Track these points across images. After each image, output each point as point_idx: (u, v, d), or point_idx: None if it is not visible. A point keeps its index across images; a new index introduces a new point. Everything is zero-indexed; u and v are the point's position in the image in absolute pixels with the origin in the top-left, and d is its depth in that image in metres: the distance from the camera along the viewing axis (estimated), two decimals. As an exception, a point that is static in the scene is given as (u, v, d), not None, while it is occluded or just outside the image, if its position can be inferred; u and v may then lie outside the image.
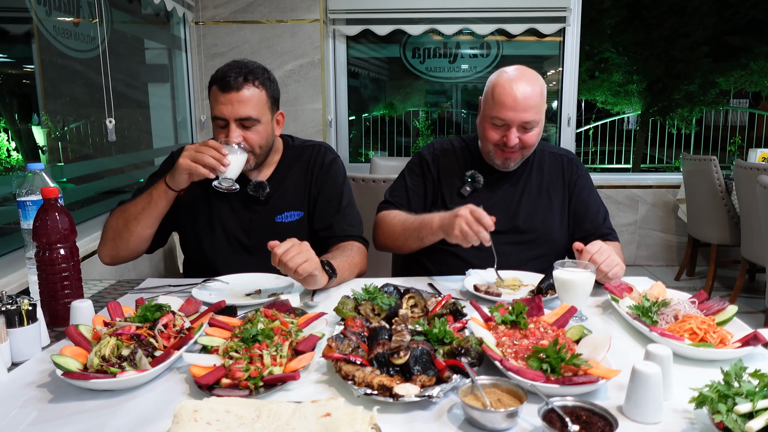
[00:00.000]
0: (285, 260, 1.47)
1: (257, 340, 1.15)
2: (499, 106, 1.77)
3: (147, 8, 3.81)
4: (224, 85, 1.71)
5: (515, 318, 1.26)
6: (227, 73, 1.72)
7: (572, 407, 0.93)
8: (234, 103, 1.71)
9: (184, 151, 1.65)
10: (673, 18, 8.50)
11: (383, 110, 6.00)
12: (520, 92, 1.74)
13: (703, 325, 1.24)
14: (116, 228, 1.75)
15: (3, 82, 2.58)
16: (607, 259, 1.53)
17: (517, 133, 1.78)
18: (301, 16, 4.40)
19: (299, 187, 1.94)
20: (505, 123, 1.78)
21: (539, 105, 1.79)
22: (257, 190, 1.87)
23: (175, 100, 4.23)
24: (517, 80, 1.77)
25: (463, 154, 2.01)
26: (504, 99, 1.76)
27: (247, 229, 1.90)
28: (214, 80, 1.75)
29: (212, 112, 1.76)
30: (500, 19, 4.66)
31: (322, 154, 1.99)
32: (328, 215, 1.93)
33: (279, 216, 1.91)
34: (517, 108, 1.75)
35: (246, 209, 1.90)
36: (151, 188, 1.73)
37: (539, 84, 1.80)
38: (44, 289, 1.39)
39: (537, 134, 1.83)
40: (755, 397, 0.86)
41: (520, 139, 1.80)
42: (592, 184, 2.04)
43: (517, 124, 1.77)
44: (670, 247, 5.21)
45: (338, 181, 1.97)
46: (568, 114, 4.93)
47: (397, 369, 1.08)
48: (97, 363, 1.08)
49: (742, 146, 8.75)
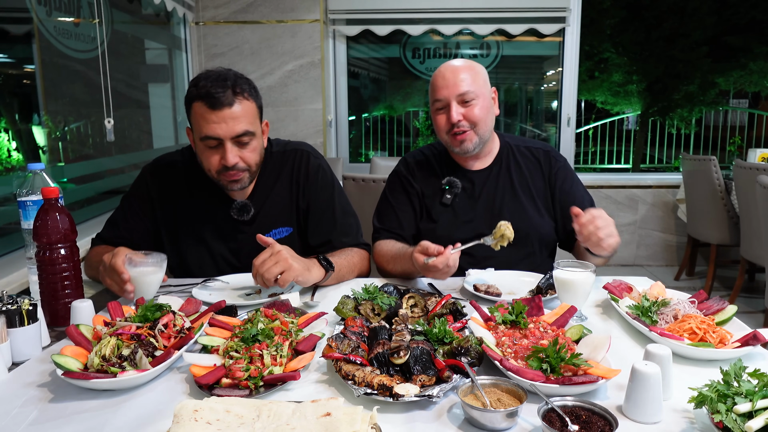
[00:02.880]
0: (261, 272, 1.45)
1: (257, 340, 1.15)
2: (434, 89, 1.84)
3: (147, 8, 3.81)
4: (213, 102, 1.56)
5: (515, 318, 1.26)
6: (212, 89, 1.57)
7: (572, 407, 0.93)
8: (228, 120, 1.57)
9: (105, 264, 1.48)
10: (673, 18, 8.49)
11: (383, 110, 6.00)
12: (449, 70, 1.82)
13: (703, 324, 1.24)
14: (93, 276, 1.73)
15: (3, 82, 2.58)
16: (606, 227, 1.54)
17: (459, 109, 1.80)
18: (301, 17, 4.40)
19: (285, 201, 1.84)
20: (444, 102, 1.82)
21: (472, 78, 1.81)
22: (241, 213, 1.78)
23: (176, 101, 4.23)
24: (445, 64, 1.86)
25: (437, 161, 1.98)
26: (436, 81, 1.84)
27: (236, 251, 1.82)
28: (196, 97, 1.59)
29: (200, 133, 1.60)
30: (500, 20, 4.66)
31: (305, 161, 1.86)
32: (324, 230, 1.84)
33: (267, 235, 1.75)
34: (448, 84, 1.80)
35: (233, 231, 1.81)
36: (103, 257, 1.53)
37: (470, 63, 1.85)
38: (45, 289, 1.39)
39: (482, 108, 1.82)
40: (754, 397, 0.86)
41: (465, 116, 1.80)
42: (573, 174, 2.00)
43: (453, 98, 1.79)
44: (669, 247, 5.22)
45: (327, 189, 1.86)
46: (568, 114, 4.93)
47: (397, 369, 1.08)
48: (98, 363, 1.08)
49: (741, 146, 8.75)
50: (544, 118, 5.69)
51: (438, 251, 1.55)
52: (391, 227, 1.94)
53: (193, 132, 1.67)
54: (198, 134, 1.63)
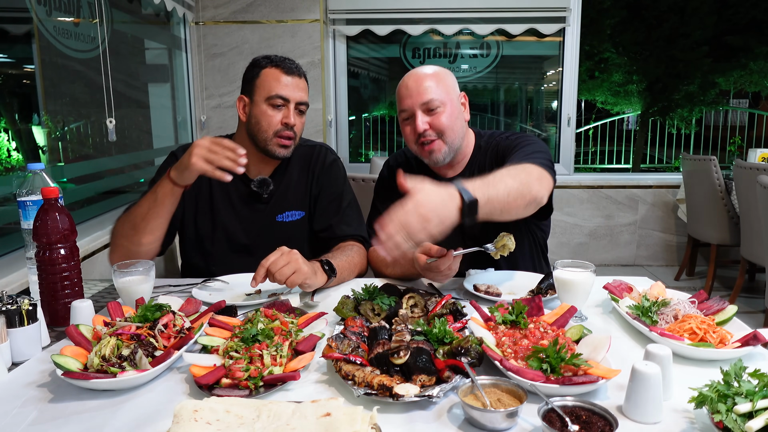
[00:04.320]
0: (273, 271, 1.47)
1: (257, 340, 1.15)
2: (399, 99, 1.80)
3: (147, 8, 3.81)
4: (289, 68, 1.81)
5: (515, 318, 1.26)
6: (285, 60, 1.82)
7: (572, 407, 0.93)
8: (296, 87, 1.81)
9: (194, 148, 1.56)
10: (673, 18, 8.50)
11: (383, 110, 6.00)
12: (412, 79, 1.77)
13: (703, 325, 1.24)
14: (124, 232, 1.70)
15: (3, 82, 2.58)
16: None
17: (424, 118, 1.74)
18: (301, 16, 4.40)
19: (300, 186, 1.94)
20: (410, 112, 1.76)
21: (436, 86, 1.74)
22: (261, 187, 1.87)
23: (176, 100, 4.23)
24: (410, 73, 1.80)
25: (417, 165, 1.94)
26: (400, 90, 1.79)
27: (248, 229, 1.89)
28: (269, 64, 1.81)
29: (270, 92, 1.78)
30: (500, 19, 4.66)
31: (323, 154, 1.99)
32: (328, 216, 1.92)
33: (280, 215, 1.90)
34: (411, 93, 1.75)
35: (247, 207, 1.90)
36: (156, 186, 1.66)
37: (436, 70, 1.78)
38: (44, 289, 1.39)
39: (449, 116, 1.74)
40: (755, 397, 0.86)
41: (430, 125, 1.74)
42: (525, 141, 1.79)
43: (418, 107, 1.74)
44: (669, 247, 5.22)
45: (339, 181, 1.97)
46: (568, 114, 4.93)
47: (397, 369, 1.08)
48: (98, 363, 1.08)
49: (741, 146, 8.76)
50: (545, 118, 5.69)
51: (440, 253, 1.55)
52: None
53: (257, 95, 1.81)
54: (267, 93, 1.79)
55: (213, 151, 1.55)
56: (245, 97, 1.85)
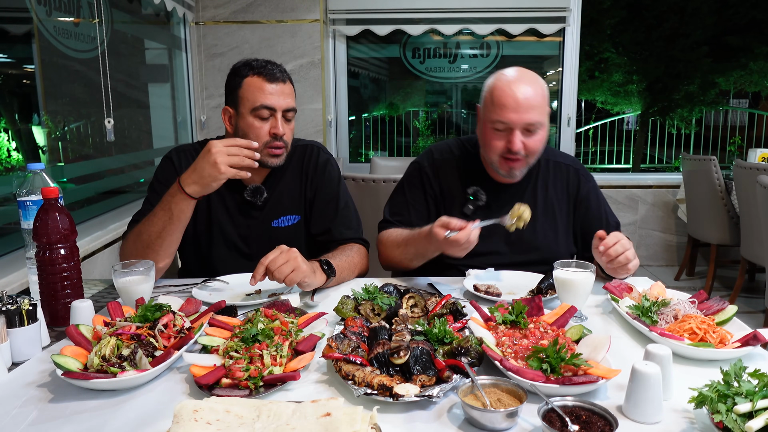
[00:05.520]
0: (272, 269, 1.47)
1: (257, 340, 1.15)
2: (500, 108, 1.67)
3: (147, 8, 3.81)
4: (271, 76, 1.72)
5: (515, 318, 1.26)
6: (267, 66, 1.73)
7: (572, 407, 0.93)
8: (282, 94, 1.73)
9: (215, 156, 1.52)
10: (673, 18, 8.50)
11: (383, 110, 6.00)
12: (521, 92, 1.65)
13: (703, 325, 1.24)
14: (137, 253, 1.64)
15: (3, 82, 2.58)
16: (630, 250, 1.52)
17: (521, 137, 1.67)
18: (301, 16, 4.40)
19: (294, 190, 1.91)
20: (508, 126, 1.67)
21: (542, 106, 1.68)
22: (255, 195, 1.83)
23: (175, 100, 4.23)
24: (517, 81, 1.68)
25: (464, 164, 1.88)
26: (505, 100, 1.66)
27: (245, 236, 1.87)
28: (251, 71, 1.72)
29: (254, 103, 1.71)
30: (500, 19, 4.66)
31: (315, 154, 1.94)
32: (325, 219, 1.89)
33: (276, 221, 1.88)
34: (519, 109, 1.64)
35: (242, 215, 1.87)
36: (168, 203, 1.60)
37: (540, 84, 1.70)
38: (44, 289, 1.39)
39: (542, 139, 1.72)
40: (755, 397, 0.86)
41: (525, 145, 1.68)
42: (600, 195, 1.93)
43: (520, 127, 1.66)
44: (669, 247, 5.22)
45: (333, 182, 1.93)
46: (568, 114, 4.93)
47: (397, 369, 1.08)
48: (98, 363, 1.08)
49: (741, 146, 8.75)
50: (544, 118, 5.69)
51: (460, 226, 1.53)
52: (401, 221, 1.88)
53: (242, 106, 1.73)
54: (252, 105, 1.72)
55: (233, 153, 1.54)
56: (230, 108, 1.78)
